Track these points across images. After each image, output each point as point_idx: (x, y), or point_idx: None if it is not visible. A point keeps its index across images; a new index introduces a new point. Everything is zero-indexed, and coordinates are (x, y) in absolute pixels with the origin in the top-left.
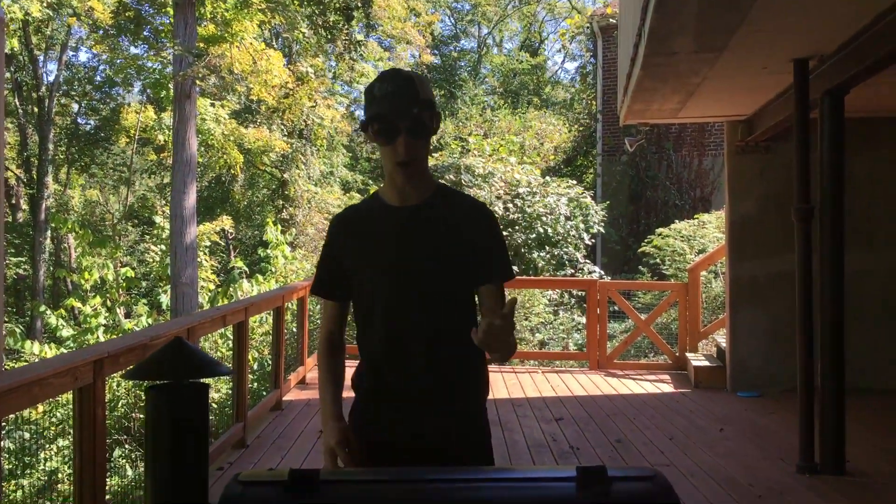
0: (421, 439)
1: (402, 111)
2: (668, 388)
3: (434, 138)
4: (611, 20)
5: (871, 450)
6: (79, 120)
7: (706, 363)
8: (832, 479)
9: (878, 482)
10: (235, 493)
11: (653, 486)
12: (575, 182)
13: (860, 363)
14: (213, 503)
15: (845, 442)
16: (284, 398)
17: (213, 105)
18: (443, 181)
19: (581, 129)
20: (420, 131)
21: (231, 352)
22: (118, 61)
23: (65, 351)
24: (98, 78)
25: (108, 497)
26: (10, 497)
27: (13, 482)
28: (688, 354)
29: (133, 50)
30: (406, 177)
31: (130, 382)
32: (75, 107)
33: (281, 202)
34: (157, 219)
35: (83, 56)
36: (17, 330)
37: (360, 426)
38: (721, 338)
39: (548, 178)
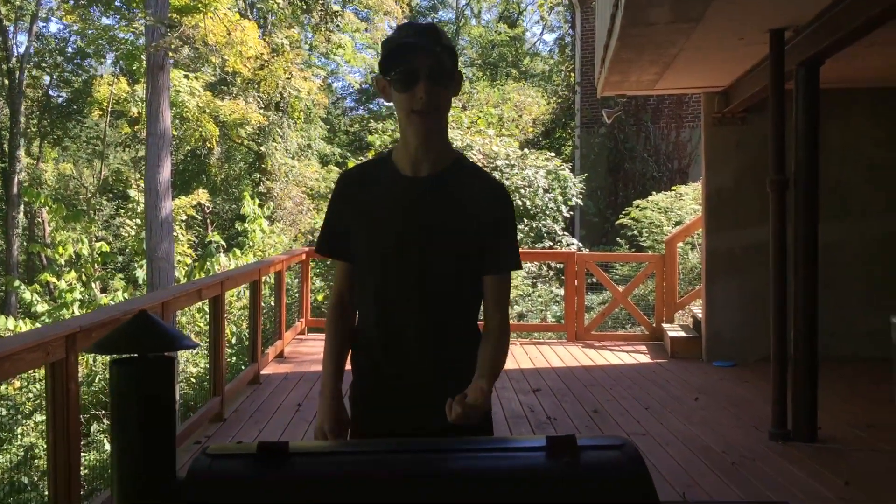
0: (422, 431)
1: (425, 50)
2: (644, 359)
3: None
4: None
5: (842, 417)
6: (50, 92)
7: (682, 334)
8: (804, 446)
9: (850, 448)
10: (203, 466)
11: (622, 455)
12: (553, 154)
13: (833, 332)
14: (181, 477)
15: (817, 409)
16: (262, 372)
17: (187, 77)
18: None
19: (559, 101)
20: (441, 77)
21: (208, 326)
22: (89, 32)
23: (39, 326)
24: (69, 49)
25: (85, 472)
26: None
27: None
28: (664, 325)
29: (104, 20)
30: (422, 135)
31: (107, 358)
32: (46, 79)
33: (258, 176)
34: (132, 192)
35: (54, 27)
36: None
37: (358, 416)
38: (697, 309)
39: (526, 150)
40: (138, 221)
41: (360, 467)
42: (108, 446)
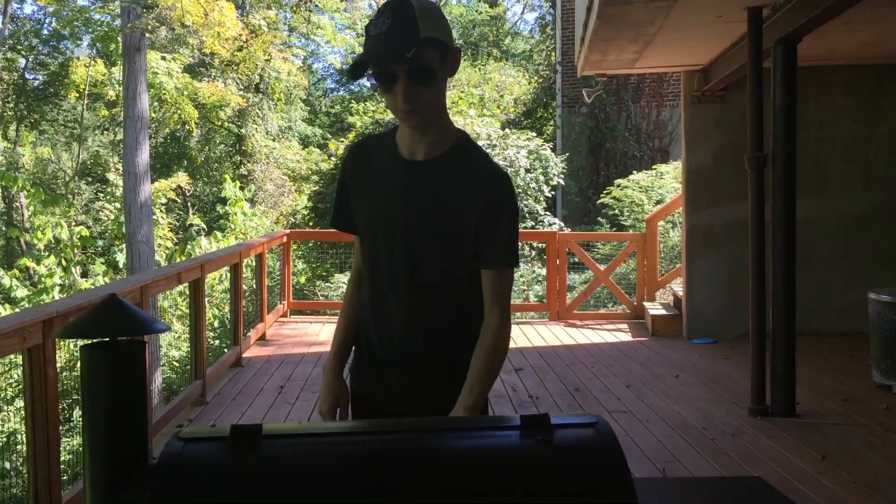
0: (420, 414)
1: (397, 53)
2: (626, 337)
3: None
4: None
5: (820, 391)
6: (26, 75)
7: (663, 312)
8: (783, 421)
9: (828, 423)
10: (176, 450)
11: (594, 433)
12: (535, 134)
13: (811, 307)
14: (154, 461)
15: (796, 385)
16: (245, 355)
17: (164, 59)
18: None
19: (541, 80)
20: (423, 76)
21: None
22: (65, 13)
23: (18, 311)
24: (45, 31)
25: (69, 457)
26: None
27: None
28: (645, 304)
29: (80, 1)
30: (413, 127)
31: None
32: (22, 61)
33: (239, 158)
34: (111, 176)
35: (28, 8)
36: None
37: (357, 400)
38: (678, 287)
39: (507, 130)
40: (118, 205)
41: (333, 448)
42: None
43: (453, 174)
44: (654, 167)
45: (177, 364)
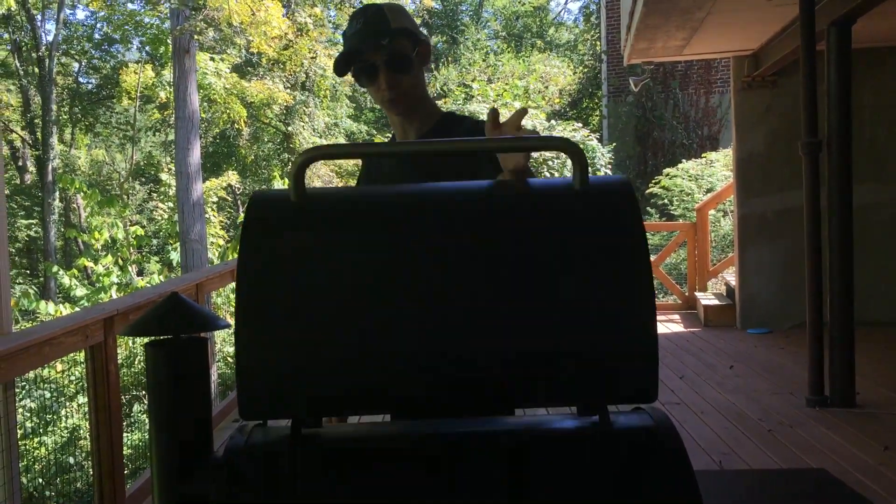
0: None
1: (372, 43)
2: (678, 328)
3: (437, 84)
4: None
5: (880, 382)
6: (80, 79)
7: (716, 301)
8: (842, 412)
9: (888, 413)
10: (239, 443)
11: (650, 418)
12: (581, 125)
13: (868, 296)
14: (218, 455)
15: (855, 374)
16: None
17: (213, 59)
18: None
19: (586, 70)
20: (400, 63)
21: None
22: (115, 18)
23: (78, 310)
24: (97, 36)
25: (129, 451)
26: (34, 453)
27: (35, 439)
28: (697, 294)
29: (130, 6)
30: (399, 114)
31: (145, 339)
32: (76, 66)
33: (286, 155)
34: (164, 176)
35: (80, 14)
36: (32, 291)
37: None
38: (730, 276)
39: (553, 121)
40: (171, 204)
41: (395, 440)
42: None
43: (448, 136)
44: (703, 155)
45: (231, 360)
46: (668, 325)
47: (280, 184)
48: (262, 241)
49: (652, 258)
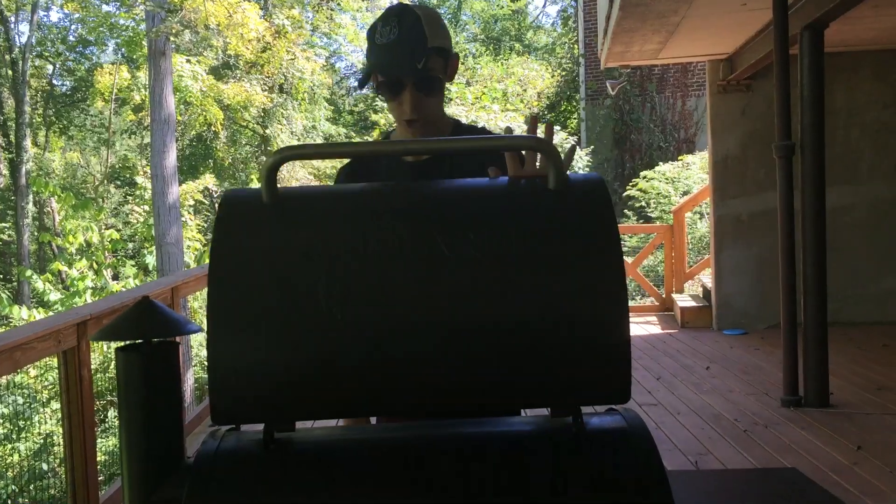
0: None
1: (407, 65)
2: (655, 330)
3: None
4: None
5: (854, 381)
6: (54, 81)
7: (692, 303)
8: (816, 412)
9: (862, 413)
10: (211, 448)
11: (623, 419)
12: (559, 128)
13: (842, 297)
14: (190, 460)
15: (829, 375)
16: None
17: (189, 61)
18: None
19: (564, 73)
20: (429, 86)
21: None
22: (90, 20)
23: (52, 315)
24: (71, 38)
25: (104, 457)
26: (7, 460)
27: (9, 445)
28: (674, 295)
29: (105, 7)
30: (416, 135)
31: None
32: (50, 68)
33: (264, 158)
34: (139, 179)
35: (55, 16)
36: (4, 296)
37: None
38: (707, 278)
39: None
40: (146, 208)
41: (368, 443)
42: None
43: (455, 159)
44: (680, 158)
45: (207, 364)
46: (646, 326)
47: (257, 186)
48: (233, 242)
49: (629, 260)
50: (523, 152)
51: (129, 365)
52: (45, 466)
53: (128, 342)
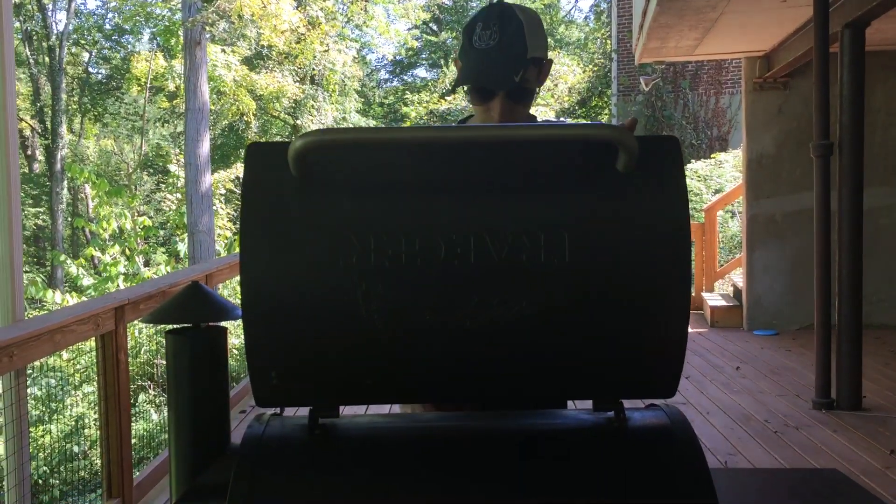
0: None
1: (503, 77)
2: None
3: (447, 81)
4: None
5: (887, 385)
6: (90, 69)
7: (723, 303)
8: (848, 415)
9: (895, 417)
10: (257, 433)
11: (665, 415)
12: None
13: (877, 299)
14: (235, 443)
15: (862, 378)
16: None
17: (223, 51)
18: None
19: (595, 69)
20: (523, 96)
21: None
22: (127, 8)
23: (86, 299)
24: (107, 26)
25: (134, 440)
26: (39, 442)
27: (41, 427)
28: (704, 294)
29: None
30: None
31: (152, 329)
32: (86, 56)
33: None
34: (172, 167)
35: (92, 3)
36: (39, 279)
37: None
38: (738, 277)
39: (562, 119)
40: (179, 196)
41: (410, 427)
42: (155, 416)
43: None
44: (712, 156)
45: (236, 352)
46: None
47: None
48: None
49: None
50: None
51: (178, 348)
52: (76, 449)
53: (177, 326)
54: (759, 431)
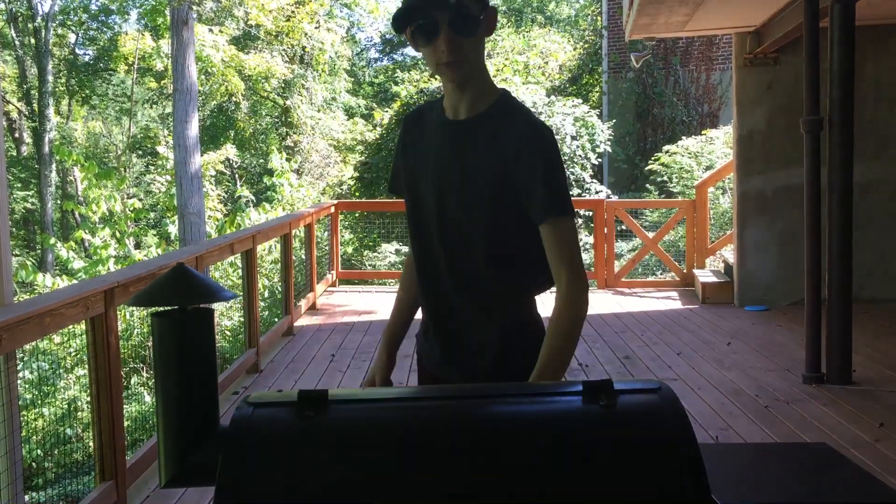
0: (474, 380)
1: (439, 1)
2: (675, 305)
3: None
4: None
5: (877, 359)
6: (77, 50)
7: (714, 279)
8: (839, 389)
9: (885, 390)
10: (245, 414)
11: (658, 398)
12: (581, 101)
13: (867, 273)
14: (224, 426)
15: (852, 352)
16: (296, 324)
17: (211, 31)
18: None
19: (586, 46)
20: (466, 25)
21: (241, 280)
22: None
23: (76, 282)
24: (94, 6)
25: (127, 423)
26: (31, 425)
27: (34, 410)
28: (695, 271)
29: None
30: (455, 83)
31: (144, 312)
32: (72, 37)
33: (284, 129)
34: (161, 149)
35: None
36: (29, 263)
37: (421, 365)
38: (729, 253)
39: (553, 97)
40: (168, 178)
41: (398, 413)
42: (148, 398)
43: (495, 129)
44: (703, 132)
45: (228, 333)
46: (666, 301)
47: (278, 157)
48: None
49: (650, 235)
50: None
51: (165, 330)
52: (69, 432)
53: (164, 308)
54: (750, 406)
